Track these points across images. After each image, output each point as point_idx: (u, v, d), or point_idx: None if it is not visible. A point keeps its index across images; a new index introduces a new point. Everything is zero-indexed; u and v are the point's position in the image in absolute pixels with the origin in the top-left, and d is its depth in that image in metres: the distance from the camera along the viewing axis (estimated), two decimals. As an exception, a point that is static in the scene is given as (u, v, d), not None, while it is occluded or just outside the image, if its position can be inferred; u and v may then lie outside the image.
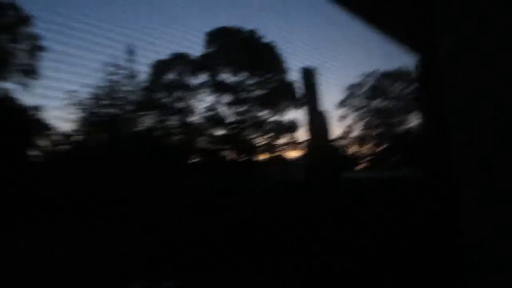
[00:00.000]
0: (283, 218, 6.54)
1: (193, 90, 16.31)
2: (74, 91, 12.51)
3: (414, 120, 16.37)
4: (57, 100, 12.98)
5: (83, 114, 12.96)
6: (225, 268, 5.40)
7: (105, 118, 13.04)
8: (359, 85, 17.35)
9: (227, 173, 13.40)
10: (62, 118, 16.13)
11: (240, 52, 16.40)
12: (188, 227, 6.76)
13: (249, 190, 9.39)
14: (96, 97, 12.84)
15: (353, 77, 17.42)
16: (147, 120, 14.69)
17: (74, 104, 12.62)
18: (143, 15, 12.06)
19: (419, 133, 14.19)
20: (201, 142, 16.31)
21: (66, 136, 13.93)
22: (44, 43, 13.99)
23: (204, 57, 16.48)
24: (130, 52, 13.02)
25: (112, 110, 13.22)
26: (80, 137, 13.54)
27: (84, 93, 12.66)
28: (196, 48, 16.90)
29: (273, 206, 7.46)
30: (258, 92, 16.74)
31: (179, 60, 16.33)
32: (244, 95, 16.62)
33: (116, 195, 9.10)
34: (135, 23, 11.78)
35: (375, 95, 17.27)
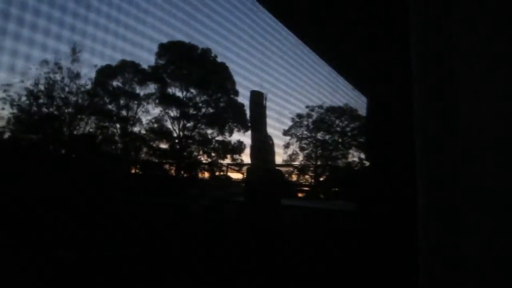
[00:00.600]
0: (217, 237, 6.46)
1: (140, 99, 15.90)
2: (9, 84, 11.60)
3: (353, 156, 17.19)
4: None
5: (16, 111, 12.02)
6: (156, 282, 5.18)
7: (41, 118, 12.19)
8: (306, 115, 17.95)
9: (165, 188, 13.02)
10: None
11: (192, 69, 16.36)
12: (117, 238, 6.42)
13: (184, 206, 9.18)
14: (33, 95, 12.00)
15: (301, 107, 18.00)
16: (87, 125, 13.96)
17: (7, 99, 11.69)
18: (95, 15, 11.61)
19: (357, 168, 14.89)
20: (143, 153, 15.82)
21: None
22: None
23: (154, 68, 16.21)
24: (75, 52, 12.43)
25: (49, 110, 12.41)
26: (10, 135, 12.49)
27: (20, 89, 11.78)
28: (147, 58, 16.58)
29: (208, 224, 7.35)
30: (206, 110, 16.72)
31: (127, 68, 15.89)
32: (191, 111, 16.50)
33: (44, 196, 8.46)
34: (85, 22, 11.28)
35: (320, 127, 17.94)
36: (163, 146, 16.17)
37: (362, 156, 15.64)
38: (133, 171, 15.70)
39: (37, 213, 7.73)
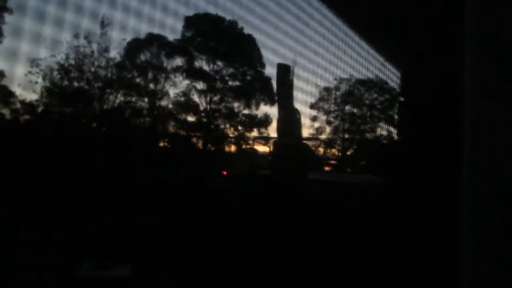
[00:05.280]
0: (243, 212, 6.51)
1: (167, 73, 15.97)
2: (40, 58, 11.87)
3: (383, 129, 16.80)
4: (21, 67, 12.24)
5: (48, 85, 12.33)
6: (180, 260, 5.32)
7: (71, 91, 12.48)
8: (333, 88, 17.57)
9: (193, 161, 13.22)
10: (25, 85, 15.35)
11: (219, 41, 16.19)
12: (146, 214, 6.59)
13: (212, 180, 9.28)
14: (64, 69, 12.24)
15: (329, 80, 17.61)
16: (116, 99, 14.21)
17: (39, 73, 11.98)
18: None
19: (387, 141, 14.57)
20: (170, 127, 16.04)
21: (28, 105, 13.24)
22: (12, 3, 13.19)
23: (181, 41, 16.15)
24: (104, 26, 12.50)
25: (79, 84, 12.67)
26: (42, 108, 12.88)
27: (51, 63, 12.03)
28: (174, 31, 16.52)
29: (235, 199, 7.41)
30: (233, 83, 16.63)
31: (155, 42, 15.90)
32: (218, 84, 16.45)
33: (74, 173, 8.74)
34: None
35: (348, 101, 17.55)
36: (190, 119, 16.33)
37: (391, 129, 15.25)
38: (161, 144, 16.00)
39: (68, 186, 8.02)
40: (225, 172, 12.49)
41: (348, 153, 17.63)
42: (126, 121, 14.73)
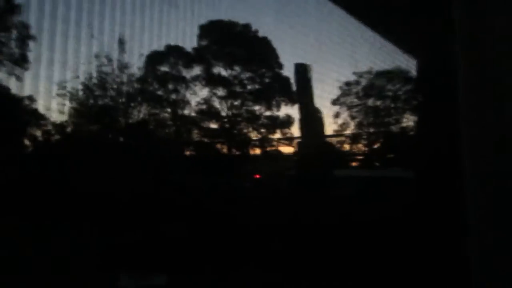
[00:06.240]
0: (274, 215, 6.50)
1: (187, 82, 16.18)
2: (65, 81, 12.32)
3: (408, 120, 16.46)
4: (48, 90, 12.73)
5: (75, 105, 12.78)
6: (217, 268, 5.37)
7: (97, 109, 12.87)
8: (354, 83, 17.34)
9: (219, 168, 13.33)
10: (53, 108, 15.95)
11: (234, 46, 16.28)
12: (180, 224, 6.70)
13: (239, 185, 9.34)
14: (88, 88, 12.65)
15: (348, 75, 17.40)
16: (140, 112, 14.53)
17: (65, 95, 12.43)
18: (136, 5, 11.87)
19: (413, 132, 14.25)
20: (194, 135, 16.23)
21: (58, 126, 13.76)
22: (33, 32, 13.76)
23: (197, 50, 16.34)
24: (122, 42, 12.85)
25: (103, 101, 13.05)
26: (71, 128, 13.36)
27: (76, 84, 12.46)
28: (189, 40, 16.73)
29: (265, 202, 7.42)
30: (252, 87, 16.67)
31: (173, 52, 16.16)
32: (237, 89, 16.54)
33: (107, 187, 8.99)
34: (128, 13, 11.58)
35: (369, 94, 17.28)
36: (213, 126, 16.47)
37: (417, 120, 14.89)
38: (187, 153, 16.22)
39: (101, 200, 8.26)
40: (258, 176, 12.54)
41: (375, 147, 17.34)
42: (152, 133, 15.03)
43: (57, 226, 7.77)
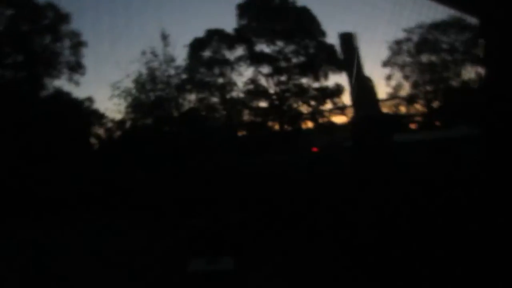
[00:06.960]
0: (338, 186, 6.36)
1: (232, 64, 16.10)
2: (118, 81, 12.88)
3: (469, 73, 15.24)
4: (104, 92, 13.44)
5: (130, 102, 13.37)
6: (282, 244, 5.40)
7: (150, 103, 13.36)
8: (404, 40, 16.29)
9: (275, 145, 13.31)
10: (111, 108, 16.88)
11: (274, 21, 15.85)
12: (243, 204, 6.78)
13: (296, 160, 9.22)
14: (140, 85, 13.13)
15: (396, 32, 16.37)
16: (191, 100, 14.86)
17: (120, 94, 13.02)
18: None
19: (477, 87, 13.13)
20: (246, 116, 16.21)
21: (119, 123, 14.58)
22: (84, 38, 14.58)
23: (238, 30, 16.14)
24: (165, 37, 13.15)
25: (156, 94, 13.49)
26: (130, 124, 14.08)
27: (128, 82, 12.99)
28: (229, 22, 16.59)
29: (325, 174, 7.27)
30: (297, 60, 16.20)
31: (214, 36, 16.13)
32: (282, 64, 16.16)
33: (172, 175, 9.37)
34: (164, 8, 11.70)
35: (423, 49, 16.15)
36: (263, 104, 16.36)
37: (480, 70, 13.69)
38: (240, 134, 16.35)
39: (165, 188, 8.61)
40: (315, 149, 12.34)
41: (435, 106, 16.29)
42: (205, 118, 15.34)
43: (127, 217, 8.25)
